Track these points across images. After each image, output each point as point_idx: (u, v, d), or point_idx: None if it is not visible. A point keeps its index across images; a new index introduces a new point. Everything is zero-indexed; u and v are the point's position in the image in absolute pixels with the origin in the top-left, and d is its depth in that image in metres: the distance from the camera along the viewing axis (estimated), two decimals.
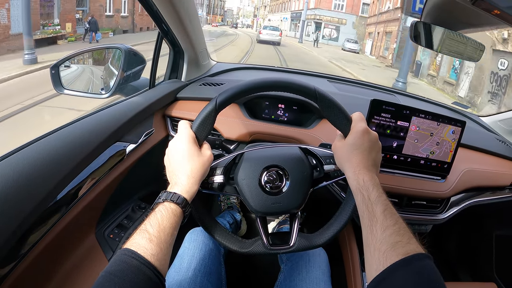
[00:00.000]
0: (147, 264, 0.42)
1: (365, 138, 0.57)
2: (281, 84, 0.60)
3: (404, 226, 0.47)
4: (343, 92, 1.10)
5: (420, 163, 0.88)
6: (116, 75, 0.95)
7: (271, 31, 19.59)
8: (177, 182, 0.53)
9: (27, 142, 0.60)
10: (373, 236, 0.46)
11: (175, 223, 0.49)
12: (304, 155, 0.66)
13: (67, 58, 0.96)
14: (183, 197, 0.51)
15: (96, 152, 0.70)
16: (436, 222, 0.93)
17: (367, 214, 0.49)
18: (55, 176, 0.57)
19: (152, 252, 0.44)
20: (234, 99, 0.59)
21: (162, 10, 0.76)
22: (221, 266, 0.78)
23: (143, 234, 0.45)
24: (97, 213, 0.81)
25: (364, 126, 0.59)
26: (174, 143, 0.57)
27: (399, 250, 0.43)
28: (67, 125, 0.69)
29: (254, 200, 0.61)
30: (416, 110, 0.84)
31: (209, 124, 0.58)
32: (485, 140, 1.06)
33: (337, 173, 0.65)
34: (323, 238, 0.64)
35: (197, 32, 0.88)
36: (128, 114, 0.79)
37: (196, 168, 0.54)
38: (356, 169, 0.55)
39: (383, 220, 0.47)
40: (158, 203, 0.50)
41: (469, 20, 0.85)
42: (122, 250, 0.44)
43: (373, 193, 0.51)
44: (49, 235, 0.62)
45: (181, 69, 0.96)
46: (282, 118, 0.93)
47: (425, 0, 0.82)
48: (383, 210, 0.48)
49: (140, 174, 0.88)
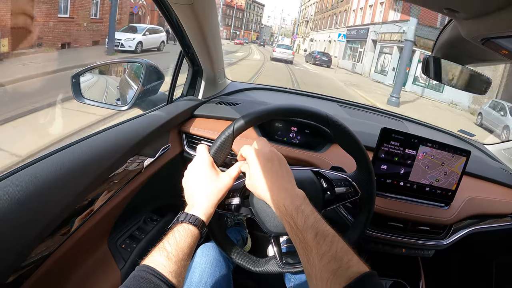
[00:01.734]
0: (165, 281, 0.44)
1: (260, 159, 0.56)
2: (295, 110, 0.63)
3: (341, 245, 0.45)
4: (354, 118, 1.13)
5: (426, 190, 0.91)
6: (134, 88, 0.97)
7: (284, 49, 20.54)
8: (194, 204, 0.55)
9: (49, 152, 0.61)
10: (311, 265, 0.45)
11: (192, 243, 0.51)
12: (316, 177, 0.69)
13: (89, 68, 0.98)
14: (200, 219, 0.53)
15: (117, 164, 0.72)
16: (439, 247, 0.95)
17: (299, 243, 0.47)
18: (77, 186, 0.59)
19: (170, 269, 0.45)
20: (250, 125, 0.62)
21: (187, 29, 0.79)
22: (230, 282, 0.80)
23: (161, 252, 0.47)
24: (110, 223, 0.82)
25: (251, 151, 0.57)
26: (193, 167, 0.59)
27: (341, 277, 0.41)
28: (89, 137, 0.71)
29: (268, 222, 0.64)
30: (424, 139, 0.87)
31: (226, 148, 0.61)
32: (489, 169, 1.09)
33: (347, 195, 0.67)
34: None
35: (218, 51, 0.92)
36: (148, 129, 0.81)
37: (214, 192, 0.57)
38: (272, 196, 0.52)
39: (317, 247, 0.45)
40: (177, 224, 0.52)
41: (478, 56, 0.89)
42: (141, 266, 0.45)
43: (299, 219, 0.48)
44: (65, 244, 0.64)
45: (199, 86, 0.99)
46: (294, 140, 0.96)
47: (437, 37, 0.86)
48: (314, 236, 0.46)
49: (153, 187, 0.90)
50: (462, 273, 1.34)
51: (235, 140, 0.63)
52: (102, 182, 0.69)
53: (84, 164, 0.63)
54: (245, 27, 64.55)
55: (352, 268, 0.42)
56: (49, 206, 0.53)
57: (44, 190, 0.52)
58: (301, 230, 0.47)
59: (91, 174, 0.63)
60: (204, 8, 0.70)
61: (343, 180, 0.67)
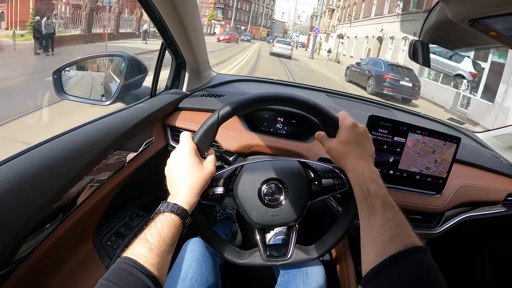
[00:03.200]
0: (147, 274, 0.42)
1: (355, 131, 0.59)
2: (284, 98, 0.61)
3: (404, 219, 0.47)
4: (342, 107, 1.11)
5: (416, 178, 0.90)
6: (117, 82, 0.95)
7: (283, 45, 20.03)
8: (177, 193, 0.54)
9: (28, 148, 0.59)
10: (371, 228, 0.47)
11: (175, 234, 0.49)
12: (303, 168, 0.67)
13: (70, 63, 0.96)
14: (183, 208, 0.51)
15: (97, 159, 0.70)
16: (431, 236, 0.94)
17: (366, 207, 0.50)
18: (56, 182, 0.58)
19: (152, 261, 0.44)
20: (236, 112, 0.60)
21: (168, 21, 0.77)
22: (218, 277, 0.78)
23: (143, 243, 0.45)
24: (95, 220, 0.81)
25: (352, 120, 0.60)
26: (176, 155, 0.58)
27: (399, 241, 0.43)
28: (69, 132, 0.69)
29: (253, 212, 0.63)
30: (413, 127, 0.86)
31: (211, 136, 0.59)
32: (480, 156, 1.08)
33: (335, 187, 0.66)
34: (320, 250, 0.66)
35: (201, 43, 0.90)
36: (130, 123, 0.80)
37: (197, 180, 0.55)
38: (354, 163, 0.56)
39: (383, 213, 0.48)
40: (159, 213, 0.51)
41: (467, 40, 0.87)
42: (122, 259, 0.44)
43: (372, 186, 0.52)
44: (47, 241, 0.62)
45: (183, 79, 0.97)
46: (281, 131, 0.94)
47: (424, 20, 0.84)
48: (382, 203, 0.49)
49: (138, 182, 0.88)
50: (455, 262, 1.33)
51: (219, 132, 0.61)
52: (82, 178, 0.68)
53: (63, 160, 0.61)
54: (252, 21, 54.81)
55: (410, 238, 0.44)
56: (27, 203, 0.51)
57: (21, 186, 0.51)
58: (372, 195, 0.50)
59: (70, 170, 0.62)
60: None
61: (330, 172, 0.66)
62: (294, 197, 0.64)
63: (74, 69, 1.03)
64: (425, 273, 0.41)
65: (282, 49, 19.36)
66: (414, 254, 0.42)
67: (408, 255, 0.41)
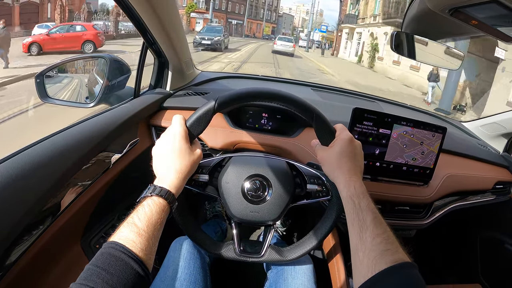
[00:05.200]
0: (136, 259, 0.42)
1: (352, 145, 0.60)
2: (283, 97, 0.60)
3: (392, 235, 0.49)
4: (327, 100, 1.11)
5: (403, 169, 0.90)
6: (101, 84, 0.95)
7: (285, 42, 19.39)
8: (166, 176, 0.53)
9: (11, 154, 0.59)
10: (362, 243, 0.48)
11: (163, 218, 0.49)
12: (290, 170, 0.67)
13: (52, 67, 0.95)
14: (171, 192, 0.51)
15: (81, 162, 0.69)
16: (420, 227, 0.95)
17: (358, 221, 0.51)
18: (40, 187, 0.57)
19: (141, 246, 0.43)
20: (235, 103, 0.59)
21: (147, 21, 0.77)
22: (207, 275, 0.78)
23: (131, 227, 0.45)
24: (82, 223, 0.81)
25: (349, 134, 0.61)
26: (166, 137, 0.57)
27: (388, 258, 0.44)
28: (52, 136, 0.69)
29: (233, 205, 0.63)
30: (398, 118, 0.86)
31: (204, 122, 0.58)
32: (467, 145, 1.09)
33: (318, 193, 0.66)
34: (294, 254, 0.66)
35: (182, 42, 0.89)
36: (113, 124, 0.79)
37: (185, 165, 0.55)
38: (347, 176, 0.56)
39: (373, 228, 0.49)
40: (146, 197, 0.50)
41: (449, 30, 0.87)
42: (110, 243, 0.43)
43: (364, 201, 0.53)
44: (34, 246, 0.62)
45: (166, 78, 0.96)
46: (266, 127, 0.94)
47: (405, 12, 0.84)
48: (373, 218, 0.50)
49: (125, 183, 0.88)
50: (447, 251, 1.34)
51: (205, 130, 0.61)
52: (66, 182, 0.67)
53: (47, 164, 0.60)
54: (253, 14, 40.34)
55: (398, 254, 0.45)
56: (11, 210, 0.51)
57: (5, 192, 0.50)
58: (363, 210, 0.51)
59: (54, 174, 0.61)
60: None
61: (316, 178, 0.66)
62: (276, 197, 0.64)
63: (59, 72, 1.02)
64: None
65: (284, 47, 18.86)
66: (403, 269, 0.43)
67: (397, 270, 0.43)
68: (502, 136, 1.12)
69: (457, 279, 1.26)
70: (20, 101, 3.68)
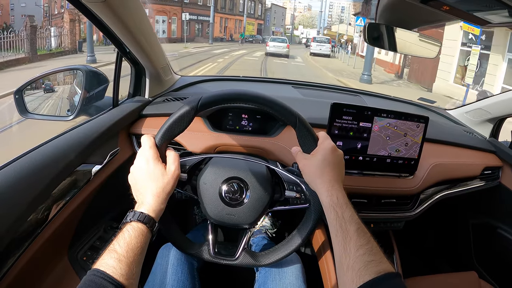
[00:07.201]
0: (117, 284, 0.44)
1: (334, 154, 0.59)
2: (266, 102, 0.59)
3: (376, 245, 0.49)
4: (307, 97, 1.11)
5: (387, 161, 0.89)
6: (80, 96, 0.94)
7: (278, 43, 17.84)
8: (143, 201, 0.54)
9: None
10: (346, 255, 0.48)
11: (143, 242, 0.50)
12: (270, 175, 0.67)
13: (30, 82, 0.95)
14: (150, 217, 0.52)
15: (61, 176, 0.70)
16: (408, 218, 0.94)
17: (341, 232, 0.51)
18: (21, 203, 0.57)
19: (121, 272, 0.45)
20: (219, 103, 0.59)
21: (116, 30, 0.76)
22: (195, 279, 0.78)
23: (111, 254, 0.46)
24: (68, 236, 0.80)
25: (332, 143, 0.61)
26: (139, 162, 0.58)
27: (372, 269, 0.45)
28: (31, 151, 0.69)
29: (209, 206, 0.63)
30: (378, 110, 0.85)
31: (185, 123, 0.58)
32: (453, 133, 1.08)
33: (296, 200, 0.66)
34: (268, 259, 0.66)
35: (155, 49, 0.88)
36: (92, 135, 0.79)
37: (161, 187, 0.56)
38: (329, 186, 0.56)
39: (357, 239, 0.49)
40: (126, 223, 0.51)
41: (422, 18, 0.87)
42: (91, 271, 0.45)
43: (347, 211, 0.52)
44: (19, 262, 0.62)
45: (144, 86, 0.96)
46: (247, 128, 0.94)
47: (377, 2, 0.83)
48: (356, 228, 0.50)
49: (109, 194, 0.88)
50: (440, 239, 1.34)
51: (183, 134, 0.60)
52: (47, 197, 0.67)
53: (25, 180, 0.60)
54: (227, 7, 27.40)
55: (383, 264, 0.46)
56: None
57: None
58: (346, 221, 0.51)
59: (34, 190, 0.61)
60: (121, 2, 0.66)
61: (296, 185, 0.65)
62: (253, 201, 0.63)
63: (38, 87, 1.02)
64: None
65: (277, 48, 17.38)
66: (387, 280, 0.44)
67: (381, 281, 0.44)
68: (487, 122, 1.11)
69: (452, 268, 1.25)
70: None
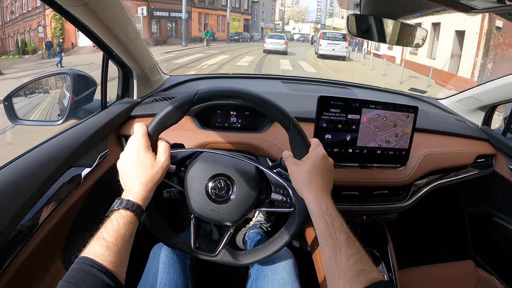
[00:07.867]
0: (106, 272, 0.43)
1: (324, 162, 0.59)
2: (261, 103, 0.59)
3: (365, 254, 0.49)
4: (295, 91, 1.10)
5: (377, 153, 0.89)
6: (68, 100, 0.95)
7: (276, 39, 17.26)
8: (131, 189, 0.54)
9: None
10: (337, 264, 0.48)
11: (131, 230, 0.50)
12: (258, 175, 0.67)
13: (18, 88, 0.95)
14: (138, 204, 0.52)
15: (50, 180, 0.70)
16: (401, 209, 0.94)
17: (331, 240, 0.50)
18: (11, 208, 0.58)
19: (110, 259, 0.45)
20: (214, 99, 0.59)
21: (99, 33, 0.76)
22: (188, 278, 0.78)
23: (100, 242, 0.46)
24: (61, 239, 0.81)
25: (323, 151, 0.60)
26: (129, 149, 0.58)
27: (363, 278, 0.45)
28: (20, 157, 0.69)
29: (194, 200, 0.63)
30: (366, 102, 0.85)
31: (179, 114, 0.57)
32: (444, 122, 1.08)
33: (282, 204, 0.66)
34: (247, 259, 0.67)
35: (141, 49, 0.88)
36: (81, 138, 0.79)
37: (150, 176, 0.56)
38: (317, 194, 0.55)
39: (347, 248, 0.49)
40: (113, 211, 0.51)
41: (408, 7, 0.86)
42: (80, 259, 0.45)
43: (336, 220, 0.52)
44: (13, 265, 0.62)
45: (132, 87, 0.95)
46: (236, 124, 0.94)
47: None
48: (346, 238, 0.50)
49: (100, 196, 0.88)
50: (436, 229, 1.34)
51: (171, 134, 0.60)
52: (37, 201, 0.67)
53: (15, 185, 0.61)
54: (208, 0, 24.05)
55: (373, 273, 0.46)
56: None
57: None
58: (336, 230, 0.51)
59: (24, 195, 0.61)
60: (102, 4, 0.66)
61: (283, 188, 0.65)
62: (238, 200, 0.63)
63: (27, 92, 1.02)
64: None
65: (274, 45, 16.90)
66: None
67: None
68: (479, 110, 1.11)
69: (449, 256, 1.25)
70: None
